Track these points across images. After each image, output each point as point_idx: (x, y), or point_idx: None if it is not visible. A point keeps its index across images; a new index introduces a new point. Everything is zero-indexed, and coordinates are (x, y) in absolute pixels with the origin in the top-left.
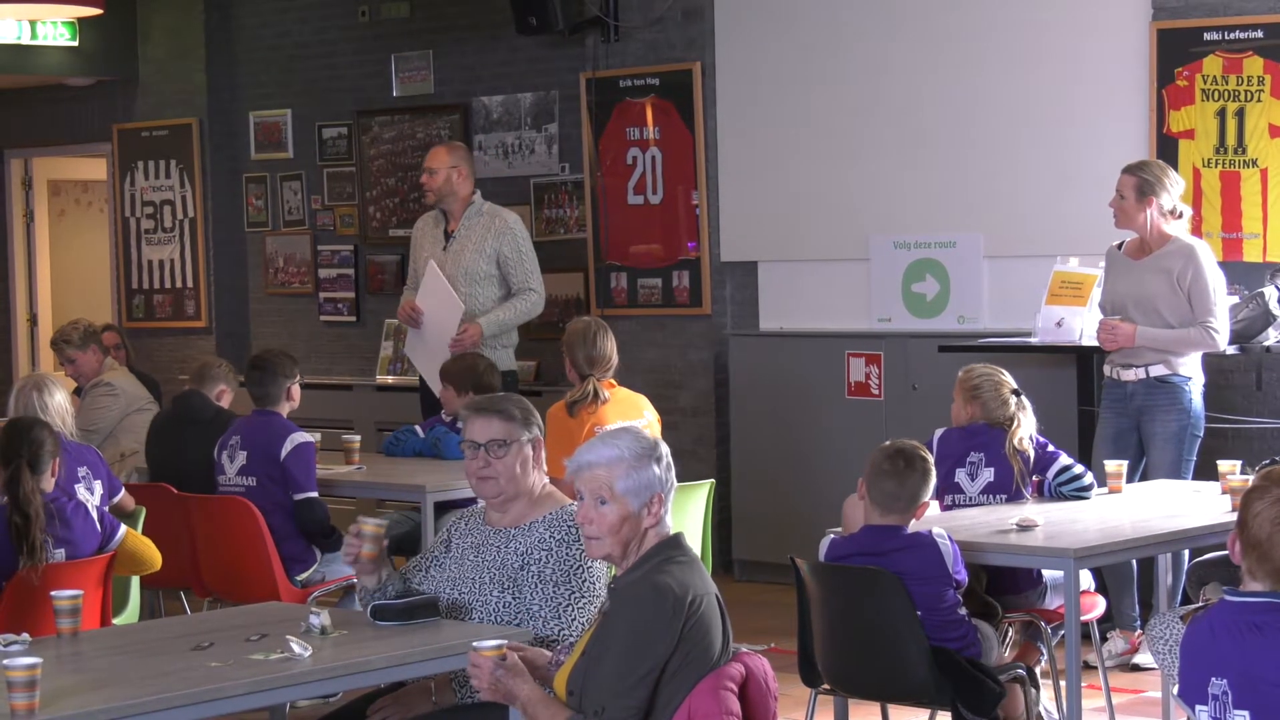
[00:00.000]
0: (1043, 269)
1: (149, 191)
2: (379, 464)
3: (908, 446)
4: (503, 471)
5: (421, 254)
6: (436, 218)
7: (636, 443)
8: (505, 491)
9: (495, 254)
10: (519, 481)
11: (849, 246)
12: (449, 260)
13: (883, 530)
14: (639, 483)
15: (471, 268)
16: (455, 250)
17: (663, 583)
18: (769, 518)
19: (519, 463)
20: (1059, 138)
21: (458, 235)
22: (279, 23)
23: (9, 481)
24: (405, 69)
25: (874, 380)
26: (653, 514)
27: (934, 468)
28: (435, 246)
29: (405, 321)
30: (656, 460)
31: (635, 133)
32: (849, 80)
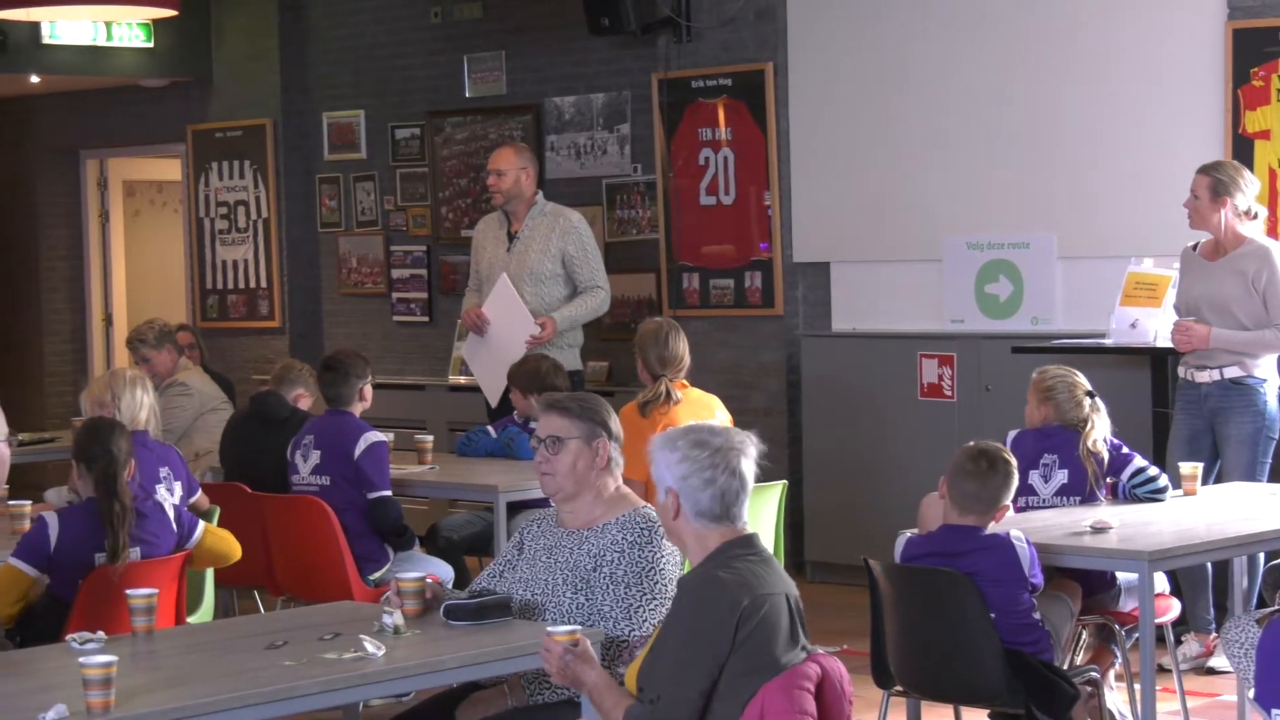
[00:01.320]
0: (1117, 270)
1: (223, 192)
2: (451, 464)
3: (991, 448)
4: (560, 468)
5: (484, 255)
6: (499, 219)
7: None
8: (564, 488)
9: (560, 253)
10: (579, 480)
11: (922, 247)
12: (513, 261)
13: (960, 530)
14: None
15: (537, 268)
16: (519, 251)
17: (722, 578)
18: (841, 519)
19: (577, 460)
20: (1133, 138)
21: (521, 236)
22: (352, 24)
23: (102, 476)
24: (478, 70)
25: (947, 381)
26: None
27: (1016, 470)
28: (498, 248)
29: (471, 328)
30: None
31: (707, 133)
32: (921, 80)
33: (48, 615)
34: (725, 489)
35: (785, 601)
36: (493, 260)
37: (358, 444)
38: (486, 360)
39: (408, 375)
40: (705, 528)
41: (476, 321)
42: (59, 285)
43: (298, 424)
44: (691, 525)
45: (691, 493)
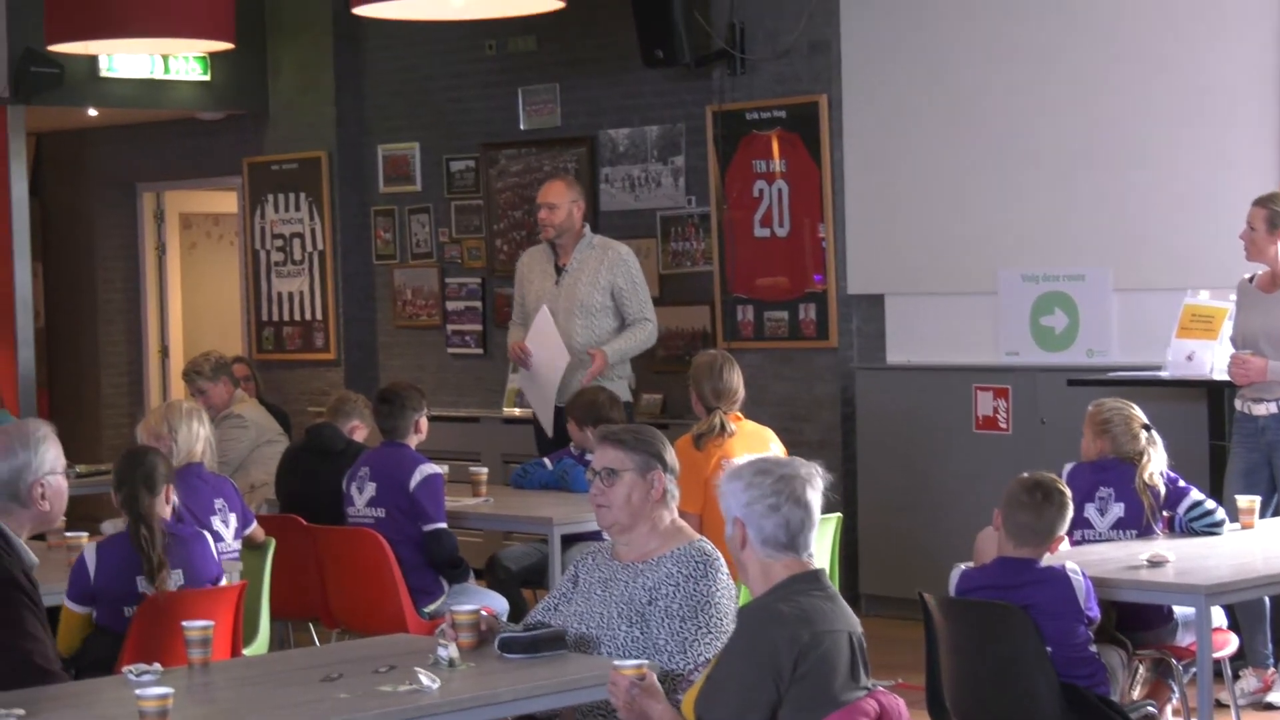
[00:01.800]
0: (1173, 302)
1: (279, 224)
2: (506, 496)
3: (1046, 480)
4: (615, 500)
5: (531, 288)
6: (545, 251)
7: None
8: (619, 521)
9: (609, 286)
10: (634, 512)
11: (977, 280)
12: (562, 294)
13: (1016, 563)
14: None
15: (587, 300)
16: (568, 284)
17: (782, 611)
18: (896, 552)
19: (632, 493)
20: (1188, 169)
21: (570, 269)
22: (407, 57)
23: (127, 500)
24: (532, 102)
25: (1001, 414)
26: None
27: (1071, 501)
28: (546, 280)
29: (516, 361)
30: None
31: (762, 165)
32: (976, 112)
33: (97, 645)
34: (790, 517)
35: (847, 640)
36: (540, 293)
37: (413, 476)
38: (535, 391)
39: (462, 407)
40: (770, 557)
41: (521, 355)
42: (115, 317)
43: (353, 456)
44: (758, 555)
45: (756, 520)
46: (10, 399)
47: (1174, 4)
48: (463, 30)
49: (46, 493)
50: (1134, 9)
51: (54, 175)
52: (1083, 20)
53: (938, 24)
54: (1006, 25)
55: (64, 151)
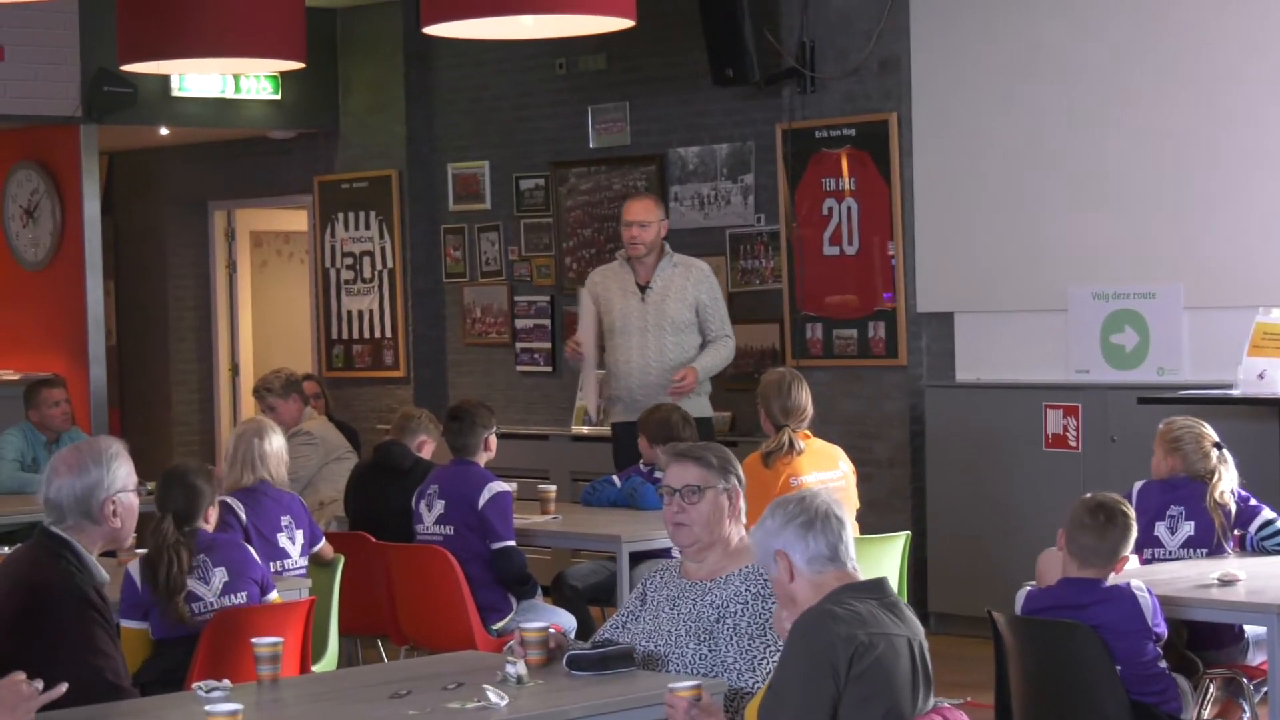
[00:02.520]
0: (1244, 320)
1: (349, 242)
2: (575, 513)
3: (1109, 500)
4: (697, 518)
5: (613, 307)
6: (621, 269)
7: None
8: (700, 539)
9: (695, 302)
10: (714, 529)
11: (1046, 297)
12: (649, 310)
13: (1080, 583)
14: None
15: (676, 316)
16: (655, 300)
17: (836, 613)
18: (965, 570)
19: (714, 510)
20: (1260, 185)
21: (655, 286)
22: (477, 75)
23: (154, 529)
24: (602, 120)
25: (1071, 432)
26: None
27: (1135, 522)
28: (629, 298)
29: (572, 357)
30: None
31: (831, 183)
32: (1046, 129)
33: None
34: (825, 529)
35: (907, 645)
36: (626, 311)
37: (482, 494)
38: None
39: (531, 425)
40: (819, 573)
41: (575, 349)
42: (186, 335)
43: (422, 474)
44: (807, 575)
45: (795, 542)
46: (82, 417)
47: (1247, 17)
48: (532, 49)
49: (118, 510)
50: (1207, 23)
51: (126, 194)
52: (1155, 35)
53: (1009, 41)
54: (1078, 41)
55: (136, 170)
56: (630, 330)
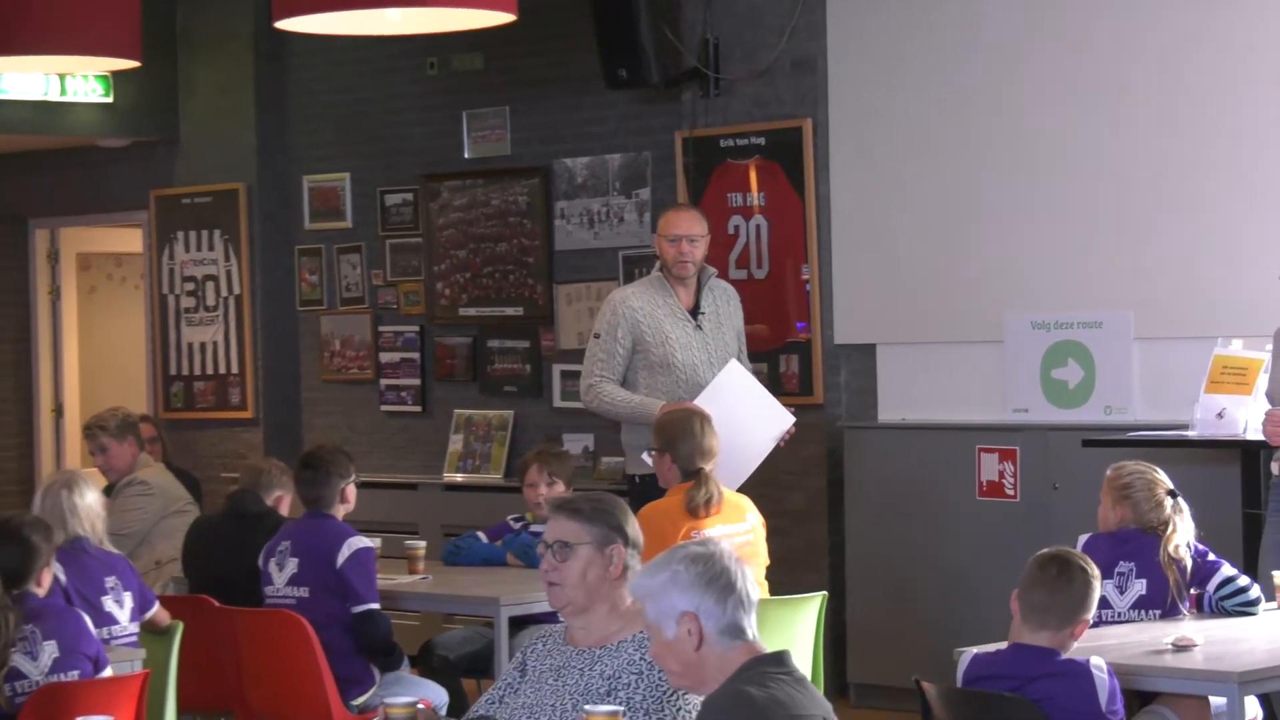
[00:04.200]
0: (1202, 352)
1: (190, 265)
2: (447, 573)
3: (1064, 554)
4: (568, 578)
5: (670, 335)
6: (658, 289)
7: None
8: (573, 601)
9: (736, 331)
10: (591, 591)
11: (980, 327)
12: (710, 341)
13: (1032, 652)
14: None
15: (731, 348)
16: (711, 329)
17: (754, 695)
18: (890, 635)
19: (589, 569)
20: (1219, 204)
21: (707, 311)
22: (337, 77)
23: None
24: (478, 128)
25: (1009, 479)
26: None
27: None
28: (680, 324)
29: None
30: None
31: (738, 199)
32: (979, 140)
33: None
34: (742, 598)
35: None
36: (683, 341)
37: (340, 551)
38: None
39: (398, 472)
40: (729, 648)
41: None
42: (3, 371)
43: (272, 527)
44: (716, 649)
45: (711, 608)
46: None
47: (1203, 30)
48: (400, 47)
49: None
50: (1161, 33)
51: None
52: (1102, 42)
53: (937, 40)
54: (1015, 44)
55: None
56: (694, 363)
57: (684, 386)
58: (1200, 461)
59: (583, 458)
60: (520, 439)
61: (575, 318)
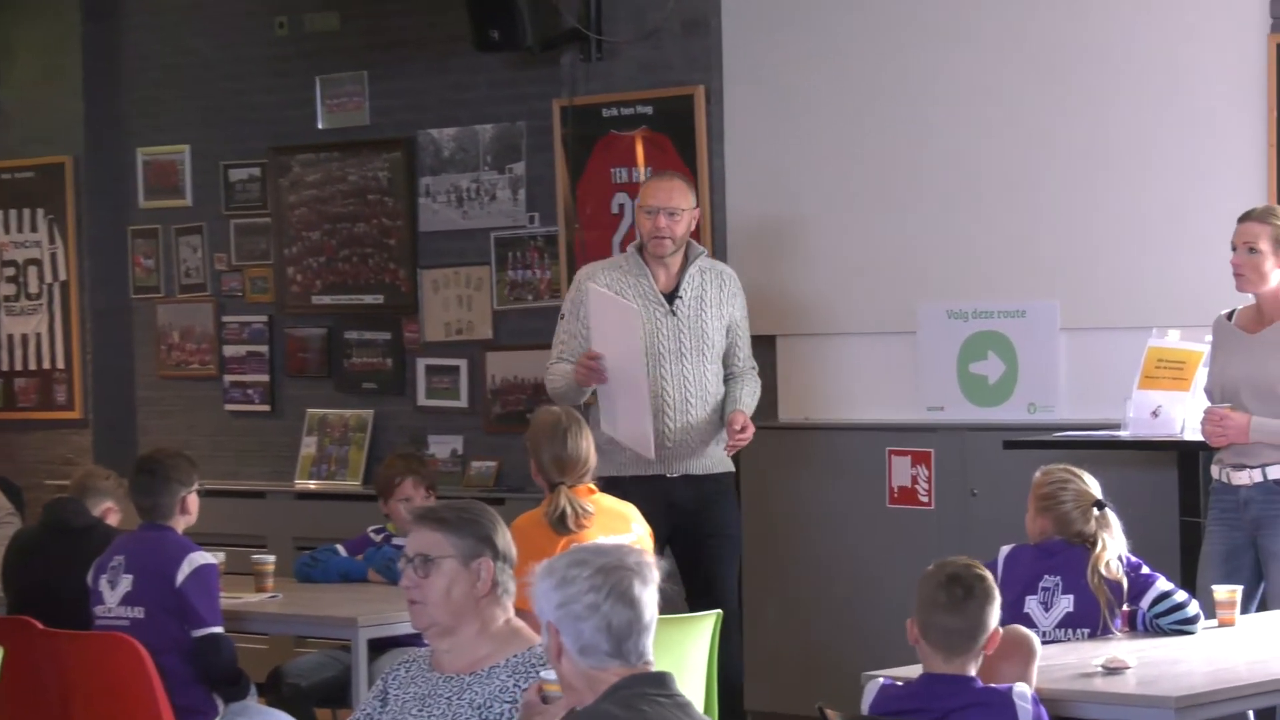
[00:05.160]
0: (1135, 344)
1: (9, 248)
2: (298, 591)
3: (960, 568)
4: (431, 595)
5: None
6: (631, 269)
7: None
8: (437, 621)
9: (729, 321)
10: (457, 610)
11: (891, 317)
12: (684, 328)
13: (948, 681)
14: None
15: (715, 339)
16: (690, 315)
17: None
18: (791, 658)
19: (454, 585)
20: (1154, 182)
21: (686, 296)
22: (175, 38)
23: None
24: (333, 95)
25: (922, 484)
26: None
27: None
28: (650, 308)
29: (586, 379)
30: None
31: (622, 174)
32: (891, 110)
33: None
34: (612, 619)
35: None
36: (651, 328)
37: (180, 567)
38: (626, 408)
39: (244, 479)
40: (595, 667)
41: (591, 364)
42: None
43: (104, 541)
44: (578, 666)
45: (571, 624)
46: None
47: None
48: (246, 5)
49: None
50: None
51: None
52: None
53: None
54: (931, 4)
55: None
56: (660, 353)
57: (648, 378)
58: (1133, 464)
59: (450, 462)
60: (380, 441)
61: (442, 306)
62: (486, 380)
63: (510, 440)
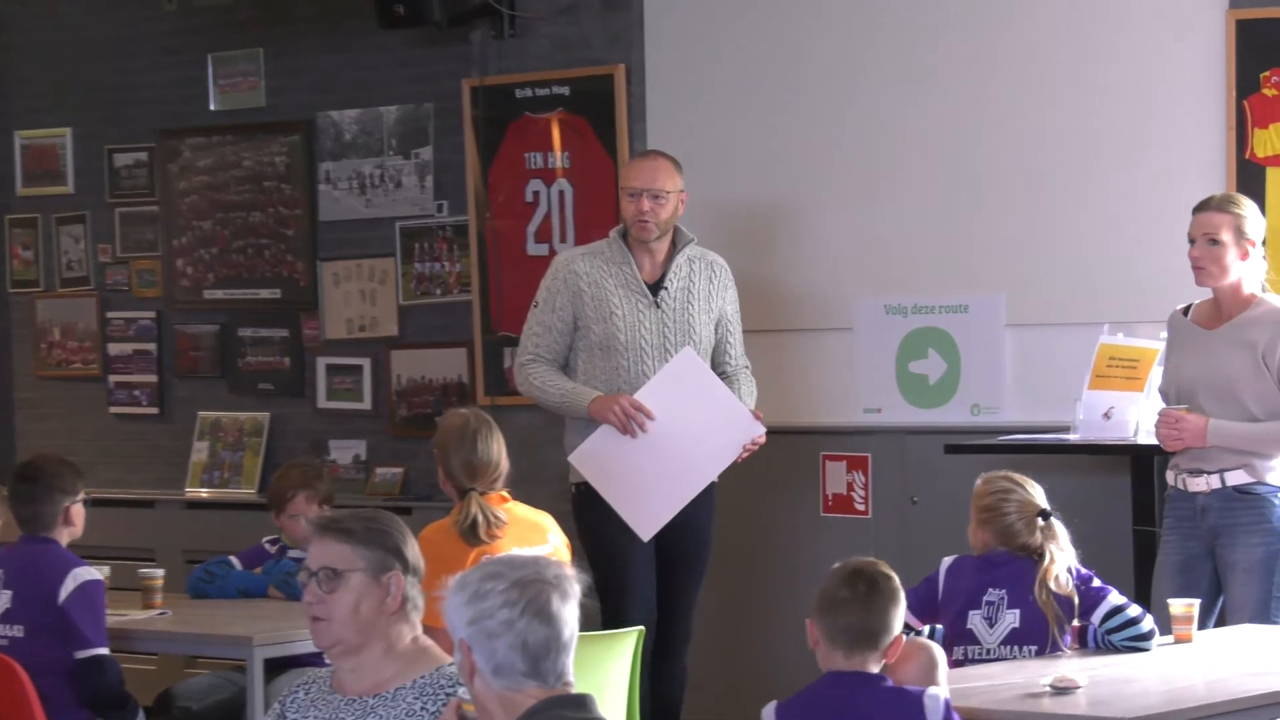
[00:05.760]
0: (1084, 341)
1: None
2: (190, 607)
3: (864, 564)
4: (337, 612)
5: (613, 310)
6: (614, 255)
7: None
8: (342, 639)
9: (719, 315)
10: (364, 628)
11: (824, 313)
12: (669, 320)
13: (852, 679)
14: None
15: (704, 335)
16: (676, 308)
17: None
18: (719, 676)
19: (362, 601)
20: (1106, 168)
21: (672, 286)
22: (55, 13)
23: None
24: (227, 74)
25: (859, 491)
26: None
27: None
28: (632, 298)
29: (619, 427)
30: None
31: (537, 159)
32: (825, 93)
33: None
34: (528, 636)
35: None
36: (630, 320)
37: (64, 584)
38: (648, 480)
39: (130, 487)
40: (510, 689)
41: (631, 416)
42: None
43: None
44: (492, 687)
45: (484, 641)
46: None
47: None
48: None
49: None
50: None
51: None
52: None
53: None
54: None
55: None
56: (642, 348)
57: (626, 376)
58: (1084, 470)
59: (353, 468)
60: (277, 446)
61: (344, 301)
62: (392, 381)
63: (417, 445)
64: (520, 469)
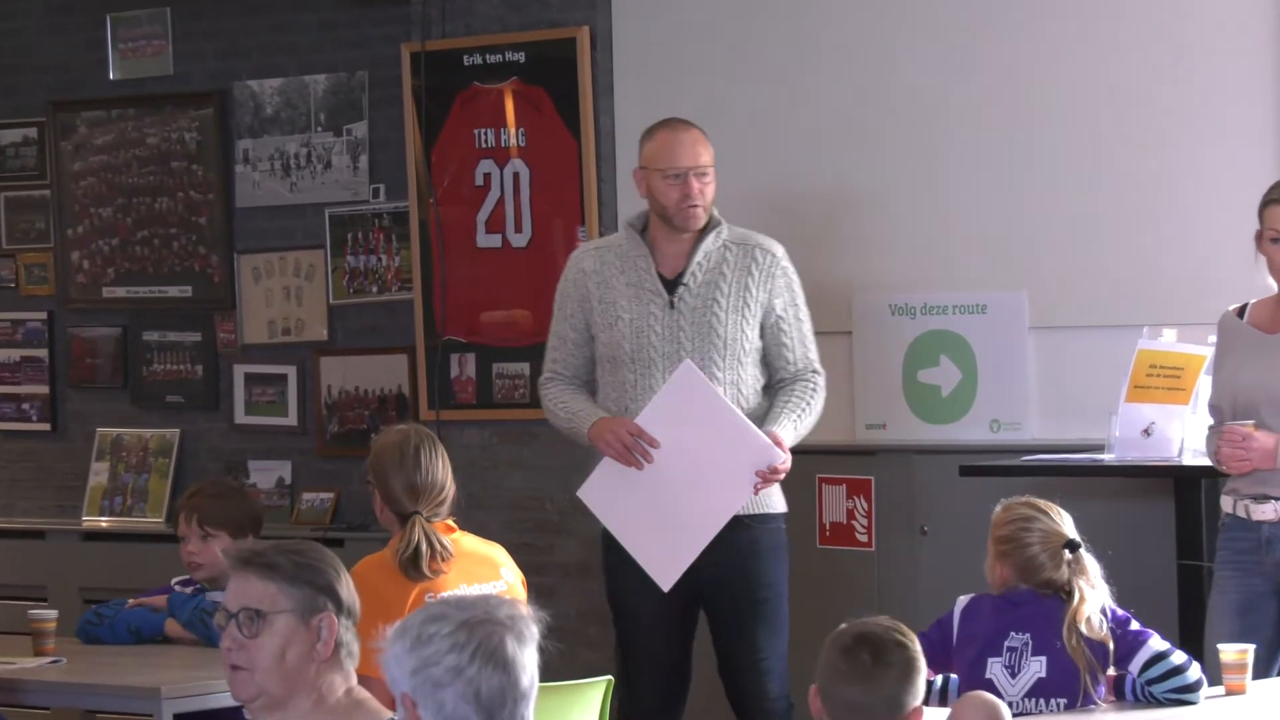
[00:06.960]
0: (1121, 347)
1: None
2: (87, 654)
3: (874, 630)
4: (260, 659)
5: (619, 313)
6: (628, 248)
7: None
8: (265, 691)
9: (765, 312)
10: (290, 677)
11: (822, 313)
12: (683, 322)
13: None
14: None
15: (732, 336)
16: (696, 307)
17: None
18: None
19: (289, 646)
20: (1143, 150)
21: (692, 281)
22: None
23: None
24: (128, 37)
25: (860, 520)
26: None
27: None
28: (643, 298)
29: (619, 458)
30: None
31: (488, 136)
32: (820, 59)
33: None
34: (480, 684)
35: None
36: (639, 325)
37: None
38: (665, 509)
39: (18, 515)
40: None
41: (631, 445)
42: None
43: None
44: None
45: (430, 692)
46: None
47: None
48: None
49: None
50: None
51: None
52: None
53: None
54: None
55: None
56: (650, 358)
57: (632, 392)
58: (1120, 495)
59: (276, 493)
60: (189, 468)
61: (265, 300)
62: (321, 392)
63: (350, 466)
64: (469, 494)
